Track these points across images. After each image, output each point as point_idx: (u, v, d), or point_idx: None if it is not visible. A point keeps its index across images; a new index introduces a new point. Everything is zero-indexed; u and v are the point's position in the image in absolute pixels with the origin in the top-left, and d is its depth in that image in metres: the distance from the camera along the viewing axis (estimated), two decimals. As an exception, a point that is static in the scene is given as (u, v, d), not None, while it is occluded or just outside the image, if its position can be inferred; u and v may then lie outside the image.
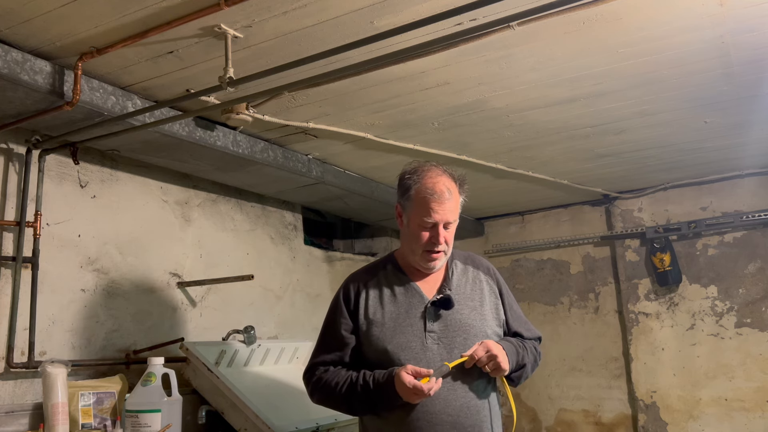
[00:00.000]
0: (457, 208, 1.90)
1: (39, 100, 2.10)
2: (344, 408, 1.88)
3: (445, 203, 1.84)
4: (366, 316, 1.90)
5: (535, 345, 2.01)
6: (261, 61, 2.14)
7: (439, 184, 1.86)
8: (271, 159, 2.91)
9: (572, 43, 2.15)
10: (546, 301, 4.57)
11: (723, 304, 4.00)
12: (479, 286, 1.96)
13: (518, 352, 1.89)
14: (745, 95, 2.66)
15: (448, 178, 1.89)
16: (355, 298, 1.94)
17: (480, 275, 1.99)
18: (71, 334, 2.49)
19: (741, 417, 3.87)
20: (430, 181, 1.86)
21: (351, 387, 1.82)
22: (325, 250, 4.05)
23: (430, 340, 1.84)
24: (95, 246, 2.63)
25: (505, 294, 2.00)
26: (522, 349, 1.91)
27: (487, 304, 1.94)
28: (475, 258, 2.05)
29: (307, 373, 1.96)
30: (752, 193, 3.96)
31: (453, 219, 1.88)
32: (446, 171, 1.92)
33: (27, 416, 2.22)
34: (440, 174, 1.90)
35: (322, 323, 2.01)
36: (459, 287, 1.93)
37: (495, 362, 1.78)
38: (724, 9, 1.98)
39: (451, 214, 1.86)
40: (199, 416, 2.54)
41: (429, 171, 1.90)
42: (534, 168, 3.57)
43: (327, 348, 1.95)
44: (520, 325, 2.00)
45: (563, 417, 4.43)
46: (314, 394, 1.93)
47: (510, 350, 1.85)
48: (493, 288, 1.98)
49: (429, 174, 1.89)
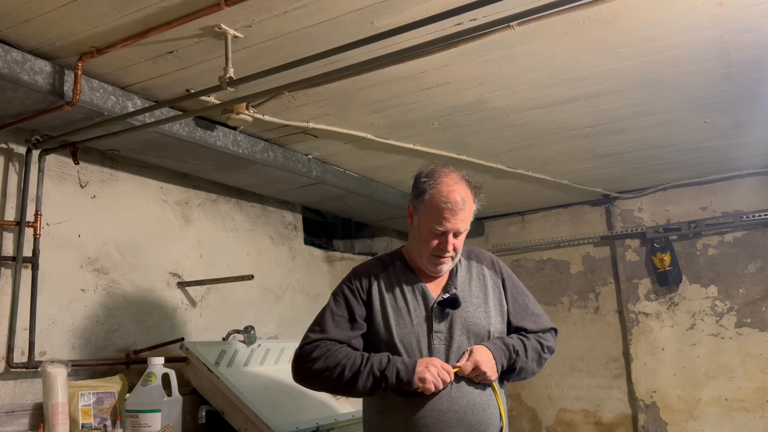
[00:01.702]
0: (470, 217, 1.87)
1: (39, 100, 2.10)
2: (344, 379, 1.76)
3: (458, 213, 1.82)
4: (377, 309, 1.88)
5: (541, 339, 1.96)
6: (261, 61, 2.14)
7: (454, 192, 1.82)
8: (271, 159, 2.91)
9: (572, 43, 2.15)
10: (546, 301, 4.56)
11: (723, 304, 4.00)
12: (483, 282, 1.95)
13: (510, 356, 1.86)
14: (745, 95, 2.66)
15: (465, 186, 1.86)
16: (368, 288, 1.91)
17: (483, 270, 1.98)
18: (71, 334, 2.49)
19: (741, 417, 3.87)
20: (445, 189, 1.83)
21: (364, 359, 1.76)
22: (325, 250, 4.05)
23: (436, 340, 1.84)
24: (95, 246, 2.63)
25: (509, 287, 1.98)
26: (514, 352, 1.87)
27: (491, 299, 1.93)
28: (478, 252, 2.04)
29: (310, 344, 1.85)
30: (752, 193, 3.96)
31: (464, 228, 1.86)
32: (464, 178, 1.88)
33: (27, 416, 2.22)
34: (457, 181, 1.85)
35: (326, 305, 1.93)
36: (464, 285, 1.93)
37: (481, 376, 1.80)
38: (724, 9, 1.98)
39: (463, 223, 1.84)
40: (199, 416, 2.54)
41: (446, 177, 1.86)
42: (534, 168, 3.57)
43: (338, 327, 1.85)
44: (526, 317, 1.97)
45: (563, 417, 4.43)
46: (317, 360, 1.80)
47: (500, 355, 1.84)
48: (497, 282, 1.97)
49: (446, 180, 1.85)
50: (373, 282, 1.92)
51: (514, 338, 1.92)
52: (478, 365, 1.79)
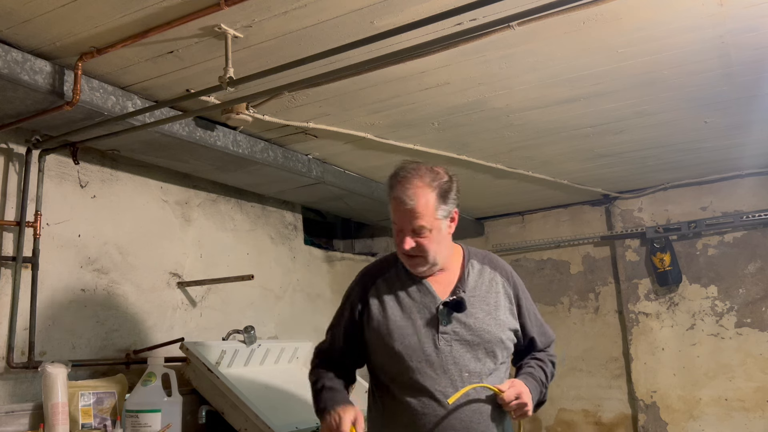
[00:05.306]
0: (429, 214, 1.77)
1: (39, 100, 2.10)
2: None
3: (410, 211, 1.76)
4: (376, 314, 1.87)
5: (552, 358, 1.97)
6: (261, 61, 2.14)
7: (408, 189, 1.77)
8: (271, 159, 2.91)
9: (572, 43, 2.15)
10: (546, 301, 4.56)
11: (723, 304, 4.00)
12: (495, 289, 1.90)
13: (541, 391, 1.87)
14: (745, 95, 2.66)
15: (422, 182, 1.78)
16: (366, 296, 1.91)
17: (497, 277, 1.92)
18: (71, 334, 2.49)
19: (741, 417, 3.87)
20: (400, 186, 1.79)
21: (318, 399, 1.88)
22: (325, 250, 4.05)
23: (442, 341, 1.80)
24: (95, 246, 2.63)
25: (522, 299, 1.93)
26: (544, 386, 1.89)
27: (502, 308, 1.88)
28: (494, 259, 1.98)
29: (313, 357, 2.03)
30: (752, 193, 3.96)
31: (421, 225, 1.77)
32: (428, 173, 1.81)
33: (27, 416, 2.22)
34: (416, 177, 1.79)
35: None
36: (475, 288, 1.87)
37: (521, 410, 1.77)
38: (724, 9, 1.98)
39: (417, 221, 1.76)
40: (199, 416, 2.54)
41: (406, 173, 1.81)
42: (534, 168, 3.57)
43: (331, 335, 1.99)
44: (536, 331, 1.95)
45: (563, 417, 4.43)
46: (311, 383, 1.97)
47: (535, 391, 1.83)
48: (509, 292, 1.91)
49: (404, 176, 1.81)
50: (372, 287, 1.92)
51: (536, 368, 1.90)
52: (521, 396, 1.75)
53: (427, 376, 1.78)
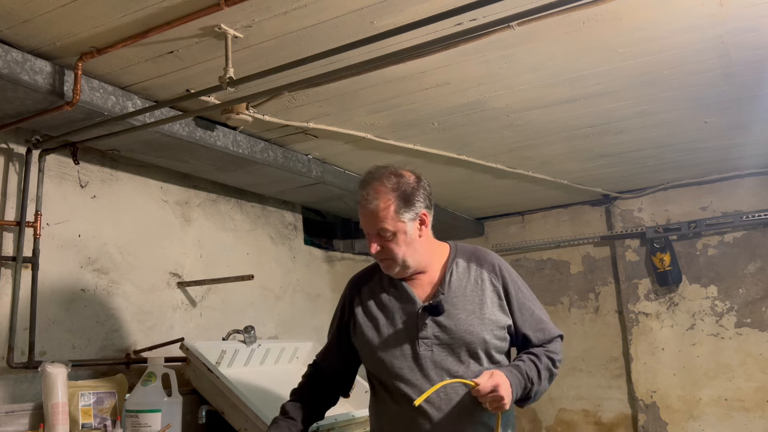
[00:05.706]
0: (390, 217, 1.75)
1: (39, 100, 2.10)
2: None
3: (371, 213, 1.76)
4: (360, 321, 1.89)
5: (551, 354, 1.84)
6: (261, 61, 2.14)
7: (369, 192, 1.77)
8: (271, 159, 2.91)
9: (572, 43, 2.15)
10: (546, 301, 4.56)
11: (723, 304, 4.00)
12: (480, 287, 1.83)
13: (526, 386, 1.75)
14: (745, 95, 2.66)
15: (382, 186, 1.77)
16: (352, 305, 1.94)
17: (483, 274, 1.86)
18: (71, 334, 2.49)
19: (741, 417, 3.87)
20: (362, 189, 1.79)
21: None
22: (325, 250, 4.05)
23: (422, 346, 1.77)
24: (95, 246, 2.63)
25: (512, 293, 1.85)
26: (530, 381, 1.76)
27: (488, 306, 1.81)
28: (481, 254, 1.91)
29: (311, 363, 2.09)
30: (752, 193, 3.96)
31: (382, 228, 1.75)
32: (391, 177, 1.79)
33: (27, 416, 2.22)
34: (378, 180, 1.78)
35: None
36: (458, 289, 1.82)
37: (497, 403, 1.66)
38: (724, 9, 1.98)
39: (379, 223, 1.75)
40: (199, 416, 2.54)
41: (372, 176, 1.81)
42: (534, 168, 3.58)
43: (327, 341, 2.05)
44: (533, 326, 1.86)
45: (563, 417, 4.43)
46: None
47: (518, 384, 1.72)
48: (497, 287, 1.84)
49: (368, 180, 1.80)
50: (356, 295, 1.94)
51: (527, 361, 1.80)
52: (497, 388, 1.64)
53: (409, 382, 1.77)
